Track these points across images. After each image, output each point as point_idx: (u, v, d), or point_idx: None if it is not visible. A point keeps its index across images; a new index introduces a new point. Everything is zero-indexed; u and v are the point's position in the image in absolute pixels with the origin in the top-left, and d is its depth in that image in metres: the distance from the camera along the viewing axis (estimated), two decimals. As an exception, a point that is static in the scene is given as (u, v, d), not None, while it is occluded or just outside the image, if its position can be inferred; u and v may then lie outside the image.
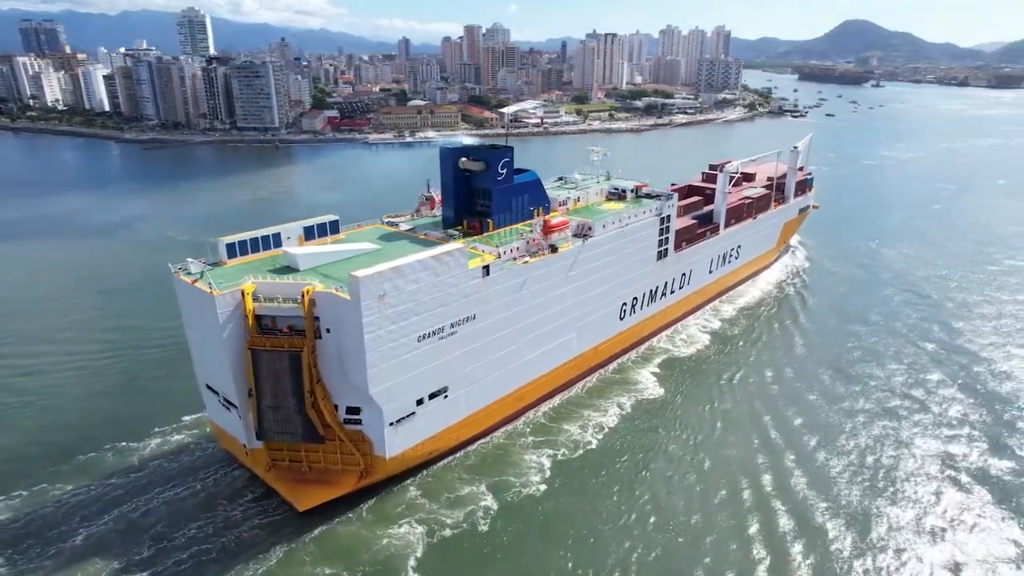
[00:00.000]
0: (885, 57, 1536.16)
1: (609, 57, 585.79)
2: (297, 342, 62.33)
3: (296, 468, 68.85)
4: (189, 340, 70.58)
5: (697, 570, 61.11)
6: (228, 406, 68.09)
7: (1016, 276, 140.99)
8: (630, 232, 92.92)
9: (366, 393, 63.65)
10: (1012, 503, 69.62)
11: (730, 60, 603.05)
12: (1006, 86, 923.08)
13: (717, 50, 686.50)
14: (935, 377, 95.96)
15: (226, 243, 71.20)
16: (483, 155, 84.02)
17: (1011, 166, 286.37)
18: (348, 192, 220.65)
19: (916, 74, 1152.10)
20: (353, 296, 59.57)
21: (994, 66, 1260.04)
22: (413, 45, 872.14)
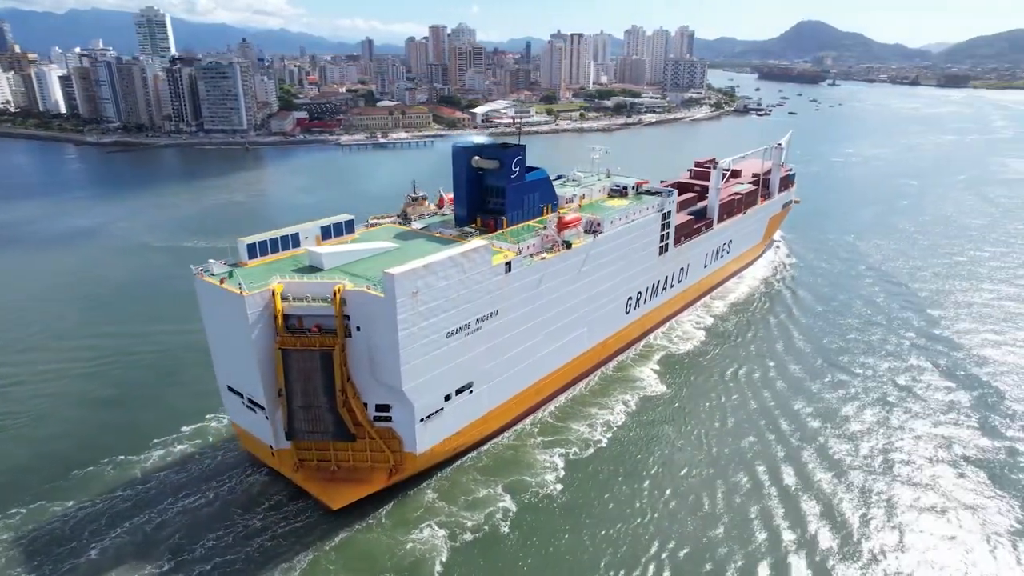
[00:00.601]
0: (839, 57, 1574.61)
1: (576, 57, 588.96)
2: (328, 341, 62.26)
3: (324, 467, 68.65)
4: (211, 342, 69.78)
5: (728, 563, 61.88)
6: (253, 407, 67.60)
7: (982, 266, 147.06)
8: (636, 228, 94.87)
9: (398, 390, 63.92)
10: (1002, 478, 72.44)
11: (695, 60, 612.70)
12: (954, 85, 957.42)
13: (681, 50, 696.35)
14: (921, 364, 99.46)
15: (247, 243, 70.82)
16: (497, 153, 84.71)
17: (967, 162, 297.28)
18: (326, 194, 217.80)
19: (870, 73, 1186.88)
20: (388, 293, 59.82)
21: (941, 66, 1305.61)
22: (376, 46, 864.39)
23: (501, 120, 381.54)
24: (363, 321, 62.36)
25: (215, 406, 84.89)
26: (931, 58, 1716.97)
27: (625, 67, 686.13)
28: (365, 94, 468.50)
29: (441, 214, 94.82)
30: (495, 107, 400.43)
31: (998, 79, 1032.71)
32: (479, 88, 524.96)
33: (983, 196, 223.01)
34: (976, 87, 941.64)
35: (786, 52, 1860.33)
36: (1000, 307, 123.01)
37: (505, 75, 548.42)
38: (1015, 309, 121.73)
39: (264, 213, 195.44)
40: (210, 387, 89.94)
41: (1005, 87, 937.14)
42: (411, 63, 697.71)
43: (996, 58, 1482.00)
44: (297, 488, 69.78)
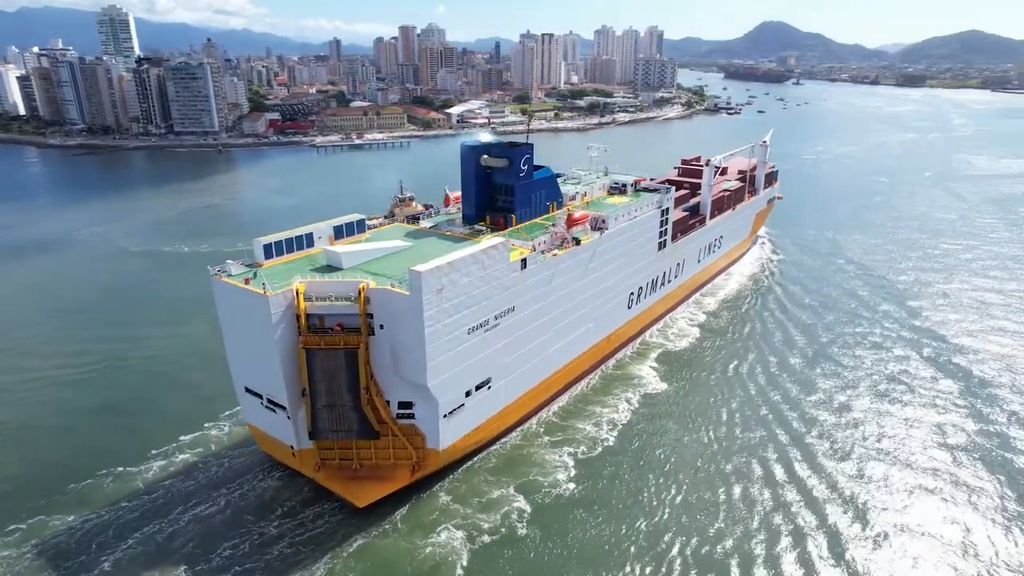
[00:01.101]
0: (801, 57, 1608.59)
1: (547, 57, 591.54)
2: (352, 339, 62.44)
3: (346, 466, 68.67)
4: (227, 343, 69.37)
5: (746, 553, 62.71)
6: (273, 408, 67.37)
7: (955, 259, 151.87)
8: (638, 224, 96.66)
9: (423, 386, 64.40)
10: (990, 457, 74.99)
11: (665, 60, 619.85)
12: (912, 85, 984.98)
13: (651, 50, 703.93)
14: (907, 353, 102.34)
15: (263, 244, 70.85)
16: (506, 152, 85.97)
17: (932, 159, 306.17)
18: (306, 196, 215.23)
19: (832, 73, 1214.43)
20: (414, 290, 60.38)
21: (898, 66, 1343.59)
22: (343, 46, 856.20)
23: (476, 120, 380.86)
24: (387, 319, 62.76)
25: (213, 413, 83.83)
26: (888, 58, 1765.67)
27: (596, 67, 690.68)
28: (336, 95, 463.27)
29: (447, 213, 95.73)
30: (470, 107, 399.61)
31: (952, 79, 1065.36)
32: (451, 88, 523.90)
33: (950, 192, 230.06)
34: (933, 86, 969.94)
35: (750, 52, 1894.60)
36: (974, 297, 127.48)
37: (477, 75, 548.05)
38: (990, 299, 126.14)
39: (244, 216, 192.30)
40: (205, 394, 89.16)
41: (959, 86, 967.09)
42: (380, 63, 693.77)
43: (950, 58, 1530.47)
44: (311, 493, 69.21)
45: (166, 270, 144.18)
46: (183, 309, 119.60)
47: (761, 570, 60.74)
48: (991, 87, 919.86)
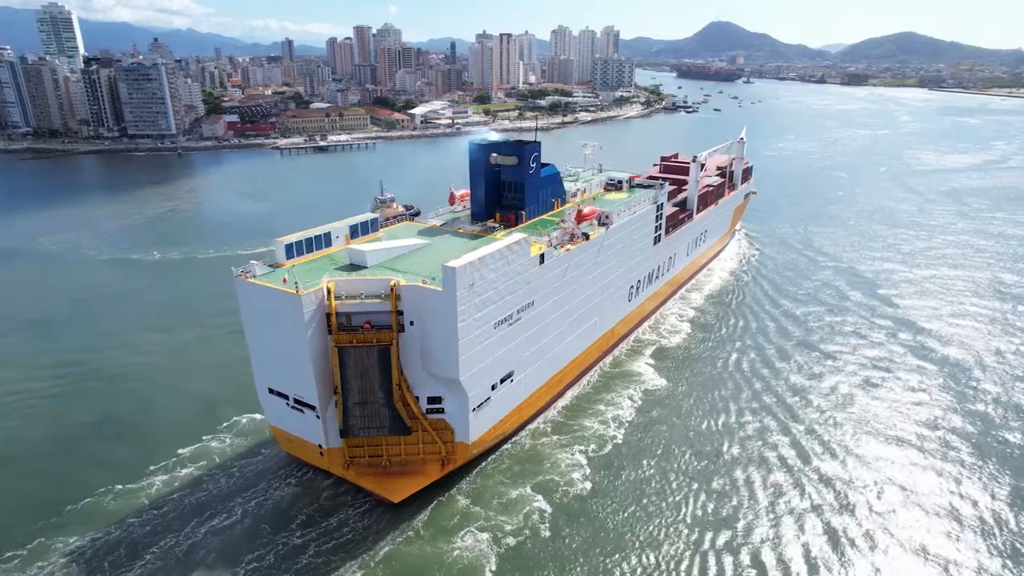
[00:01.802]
0: (749, 56, 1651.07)
1: (506, 57, 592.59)
2: (384, 336, 63.02)
3: (375, 463, 68.81)
4: (251, 344, 68.90)
5: (787, 545, 63.96)
6: (301, 408, 67.01)
7: (919, 250, 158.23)
8: (637, 219, 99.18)
9: (455, 380, 65.37)
10: (971, 435, 78.87)
11: (623, 59, 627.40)
12: (856, 83, 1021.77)
13: (607, 50, 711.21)
14: (887, 342, 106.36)
15: (285, 244, 71.16)
16: (515, 150, 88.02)
17: (885, 155, 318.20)
18: (278, 199, 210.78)
19: (780, 72, 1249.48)
20: (448, 286, 61.26)
21: (841, 65, 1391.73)
22: (294, 47, 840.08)
23: (440, 121, 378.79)
24: (417, 315, 63.59)
25: (210, 426, 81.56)
26: (830, 58, 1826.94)
27: (554, 67, 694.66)
28: (293, 96, 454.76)
29: (452, 211, 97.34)
30: (433, 108, 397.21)
31: (892, 78, 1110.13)
32: (410, 89, 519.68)
33: (906, 186, 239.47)
34: (875, 85, 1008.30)
35: (699, 51, 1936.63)
36: (941, 283, 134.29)
37: (437, 75, 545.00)
38: (955, 286, 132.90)
39: (214, 221, 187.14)
40: (198, 406, 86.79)
41: (899, 85, 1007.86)
42: (336, 64, 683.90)
43: (887, 58, 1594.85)
44: (329, 501, 68.30)
45: (139, 278, 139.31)
46: (165, 317, 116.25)
47: (796, 557, 62.35)
48: (927, 86, 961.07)
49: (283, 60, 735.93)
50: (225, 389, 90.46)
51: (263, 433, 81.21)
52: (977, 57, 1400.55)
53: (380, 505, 67.94)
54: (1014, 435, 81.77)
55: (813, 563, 61.54)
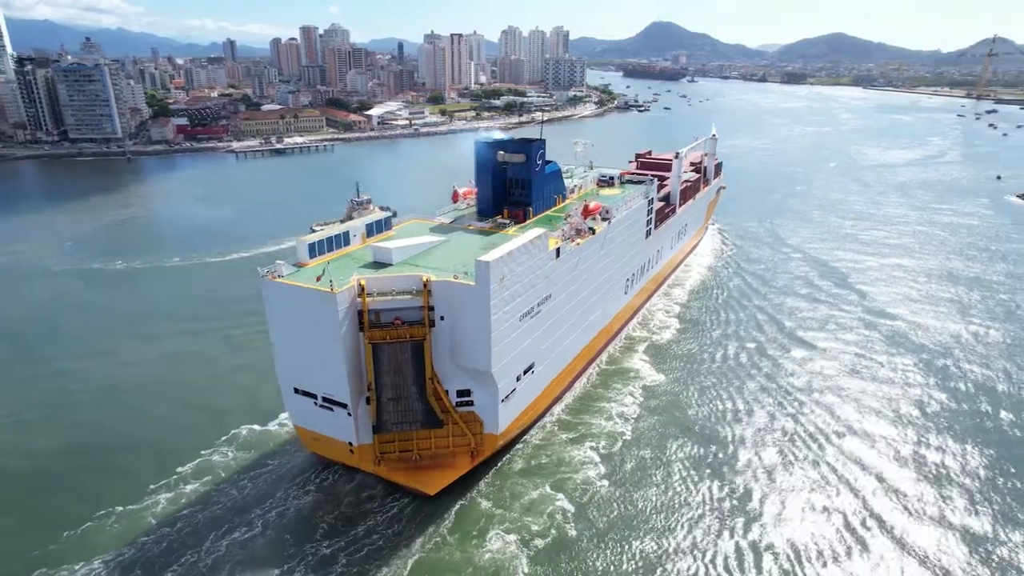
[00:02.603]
0: (691, 56, 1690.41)
1: (457, 57, 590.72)
2: (417, 331, 63.87)
3: (405, 457, 69.17)
4: (277, 345, 68.48)
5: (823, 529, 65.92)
6: (330, 406, 66.82)
7: (879, 243, 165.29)
8: (633, 214, 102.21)
9: (486, 372, 66.73)
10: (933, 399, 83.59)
11: (574, 59, 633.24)
12: (795, 82, 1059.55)
13: (557, 49, 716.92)
14: (864, 331, 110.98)
15: (308, 243, 71.42)
16: (523, 148, 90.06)
17: (833, 151, 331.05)
18: (241, 204, 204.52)
19: (723, 71, 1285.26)
20: (481, 280, 62.61)
21: (778, 65, 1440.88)
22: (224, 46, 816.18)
23: (397, 122, 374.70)
24: (448, 310, 64.53)
25: (207, 441, 78.74)
26: (768, 57, 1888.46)
27: (504, 67, 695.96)
28: (241, 98, 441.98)
29: (456, 208, 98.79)
30: (389, 109, 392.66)
31: (827, 76, 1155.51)
32: (362, 90, 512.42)
33: (858, 180, 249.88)
34: (812, 84, 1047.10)
35: (643, 51, 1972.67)
36: (903, 270, 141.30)
37: (389, 76, 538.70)
38: (916, 272, 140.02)
39: (177, 227, 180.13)
40: (187, 422, 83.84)
41: (835, 83, 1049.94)
42: (281, 65, 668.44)
43: (821, 57, 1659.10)
44: (352, 508, 67.33)
45: (105, 288, 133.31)
46: (141, 327, 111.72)
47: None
48: (861, 85, 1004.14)
49: (226, 61, 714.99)
50: (218, 401, 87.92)
51: (267, 444, 79.17)
52: (902, 57, 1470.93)
53: (405, 510, 67.24)
54: (993, 407, 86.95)
55: (832, 542, 63.75)
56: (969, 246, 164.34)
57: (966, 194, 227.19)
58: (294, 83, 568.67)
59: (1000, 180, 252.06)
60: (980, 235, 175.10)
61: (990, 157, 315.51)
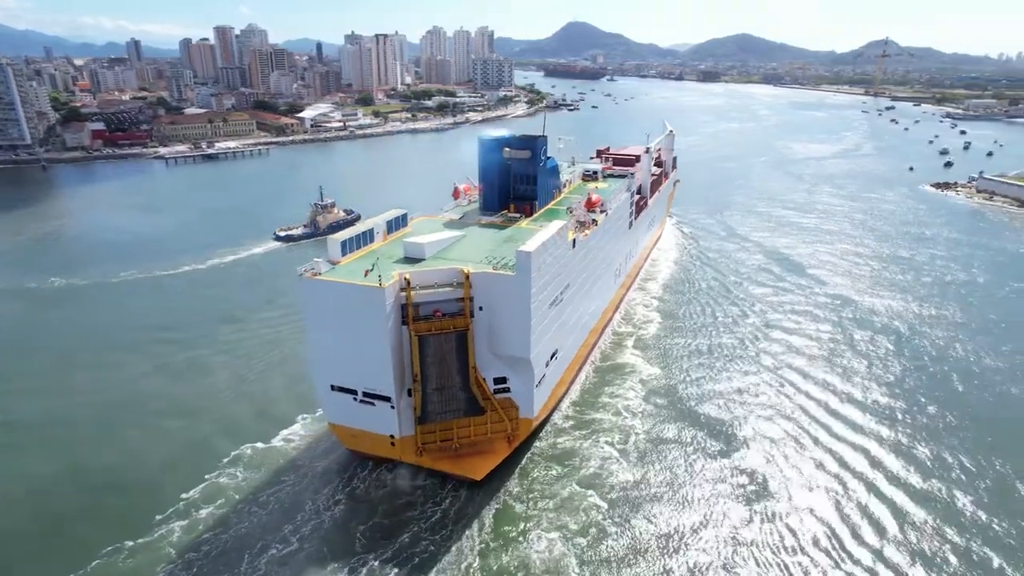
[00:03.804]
0: (608, 55, 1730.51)
1: (383, 58, 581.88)
2: (459, 322, 66.27)
3: (445, 447, 70.81)
4: (314, 344, 68.63)
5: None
6: (371, 401, 67.85)
7: (825, 232, 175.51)
8: (621, 206, 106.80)
9: (524, 359, 69.30)
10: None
11: (502, 59, 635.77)
12: (711, 80, 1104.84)
13: (483, 50, 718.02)
14: (830, 315, 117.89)
15: (340, 241, 72.26)
16: (528, 144, 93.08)
17: (760, 146, 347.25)
18: (179, 213, 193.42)
19: (641, 70, 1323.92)
20: (522, 270, 65.36)
21: (692, 63, 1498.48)
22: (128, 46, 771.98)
23: (330, 124, 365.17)
24: (486, 300, 66.88)
25: (208, 463, 74.61)
26: (680, 56, 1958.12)
27: (430, 67, 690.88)
28: (157, 102, 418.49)
29: (457, 205, 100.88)
30: (322, 111, 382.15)
31: (739, 75, 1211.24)
32: (286, 92, 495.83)
33: (790, 173, 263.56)
34: (726, 82, 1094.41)
35: (560, 51, 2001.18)
36: (851, 255, 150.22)
37: (315, 78, 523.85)
38: (859, 255, 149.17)
39: (117, 239, 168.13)
40: (184, 445, 79.30)
41: (746, 81, 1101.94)
42: (195, 67, 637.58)
43: (729, 57, 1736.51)
44: (387, 518, 66.12)
45: (47, 308, 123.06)
46: (101, 353, 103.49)
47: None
48: (771, 82, 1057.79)
49: (132, 63, 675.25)
50: (210, 423, 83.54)
51: (277, 462, 75.89)
52: (802, 57, 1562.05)
53: (446, 513, 66.86)
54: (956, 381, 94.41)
55: (853, 514, 67.42)
56: (902, 232, 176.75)
57: (888, 184, 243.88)
58: (212, 85, 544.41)
59: (912, 171, 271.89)
60: (908, 221, 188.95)
61: (898, 150, 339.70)
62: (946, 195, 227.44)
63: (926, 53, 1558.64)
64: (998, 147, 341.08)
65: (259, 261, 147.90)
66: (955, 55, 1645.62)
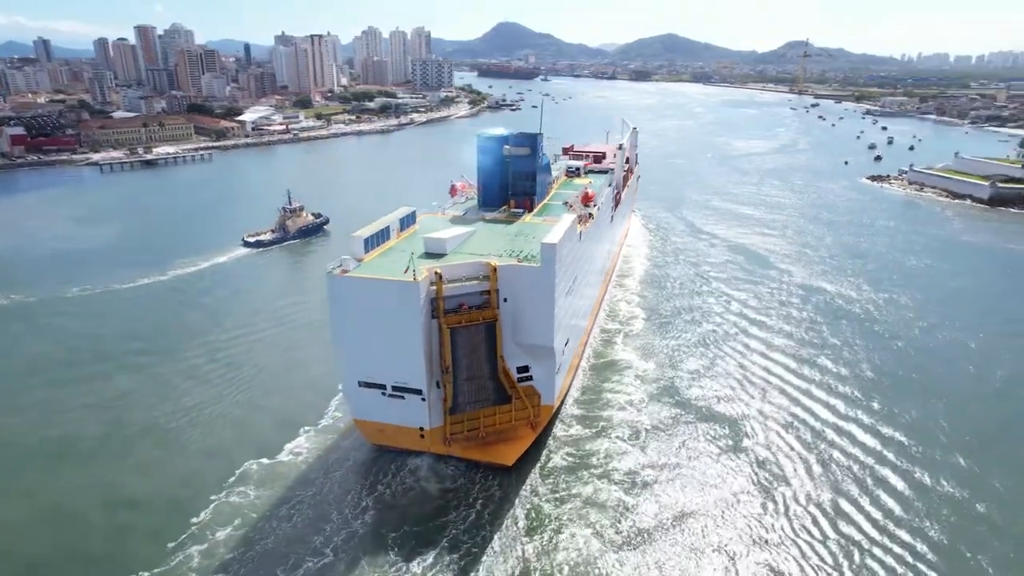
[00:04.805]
0: (539, 55, 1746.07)
1: (319, 59, 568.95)
2: (487, 314, 68.86)
3: (472, 435, 72.66)
4: (343, 341, 69.20)
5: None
6: (401, 395, 69.43)
7: (780, 225, 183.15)
8: (607, 200, 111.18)
9: (547, 347, 72.10)
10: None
11: (441, 60, 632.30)
12: (643, 79, 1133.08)
13: (420, 50, 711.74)
14: (801, 304, 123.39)
15: (363, 238, 73.35)
16: (528, 141, 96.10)
17: (702, 143, 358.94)
18: (126, 223, 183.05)
19: (575, 69, 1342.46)
20: (547, 261, 68.25)
21: (622, 63, 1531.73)
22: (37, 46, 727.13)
23: (272, 128, 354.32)
24: (511, 292, 69.30)
25: (215, 484, 70.80)
26: (609, 56, 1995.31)
27: (367, 68, 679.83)
28: (79, 105, 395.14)
29: (455, 202, 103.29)
30: (263, 114, 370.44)
31: (668, 74, 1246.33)
32: (219, 94, 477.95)
33: (736, 168, 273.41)
34: (658, 80, 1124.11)
35: (491, 51, 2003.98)
36: (812, 246, 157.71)
37: (249, 80, 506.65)
38: (819, 244, 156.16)
39: (61, 253, 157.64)
40: (181, 467, 75.29)
41: (676, 80, 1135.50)
42: (115, 68, 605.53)
43: (657, 56, 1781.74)
44: (418, 525, 64.94)
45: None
46: (69, 370, 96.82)
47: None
48: (700, 81, 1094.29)
49: (45, 64, 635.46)
50: (201, 441, 79.57)
51: (288, 476, 73.04)
52: (726, 56, 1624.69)
53: (478, 518, 66.39)
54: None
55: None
56: (850, 222, 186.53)
57: (829, 177, 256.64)
58: (137, 88, 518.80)
59: (847, 165, 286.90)
60: (854, 211, 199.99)
61: (830, 145, 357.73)
62: (882, 187, 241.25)
63: (839, 53, 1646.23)
64: (917, 142, 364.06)
65: (227, 269, 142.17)
66: (864, 55, 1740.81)
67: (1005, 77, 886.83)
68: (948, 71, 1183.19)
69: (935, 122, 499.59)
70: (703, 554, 63.08)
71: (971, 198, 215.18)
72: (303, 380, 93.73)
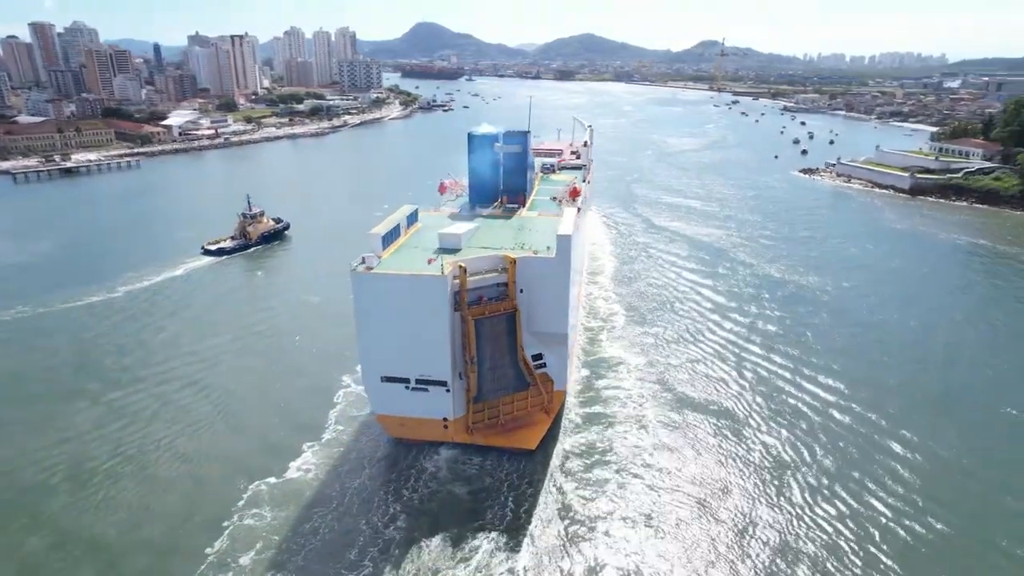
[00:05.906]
0: (460, 55, 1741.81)
1: (241, 60, 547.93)
2: (508, 305, 71.54)
3: (492, 423, 75.29)
4: (366, 336, 70.03)
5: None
6: (425, 387, 70.87)
7: (729, 218, 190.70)
8: (586, 195, 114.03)
9: (561, 335, 75.01)
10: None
11: (369, 61, 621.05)
12: (566, 78, 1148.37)
13: (346, 51, 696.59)
14: (766, 292, 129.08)
15: (381, 235, 73.99)
16: (518, 139, 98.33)
17: (639, 141, 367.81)
18: (60, 236, 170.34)
19: (499, 69, 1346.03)
20: (562, 252, 71.33)
21: (544, 62, 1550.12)
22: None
23: (200, 132, 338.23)
24: (527, 283, 71.80)
25: (224, 510, 66.93)
26: (529, 56, 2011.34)
27: (292, 69, 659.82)
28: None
29: (447, 199, 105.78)
30: (188, 118, 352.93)
31: (591, 73, 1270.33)
32: (135, 98, 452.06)
33: (675, 165, 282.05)
34: (581, 80, 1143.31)
35: (410, 52, 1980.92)
36: (763, 237, 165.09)
37: (167, 82, 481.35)
38: (768, 234, 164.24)
39: None
40: (184, 494, 71.20)
41: (599, 79, 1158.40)
42: (10, 68, 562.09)
43: (576, 56, 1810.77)
44: (452, 530, 64.44)
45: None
46: (35, 401, 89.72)
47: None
48: (622, 80, 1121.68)
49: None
50: (198, 466, 75.43)
51: (302, 494, 70.10)
52: (642, 56, 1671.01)
53: (517, 517, 66.58)
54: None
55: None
56: (791, 212, 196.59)
57: (763, 172, 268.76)
58: (39, 90, 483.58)
59: (777, 159, 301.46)
60: (792, 202, 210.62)
61: (756, 140, 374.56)
62: (813, 179, 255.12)
63: (749, 52, 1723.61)
64: (835, 136, 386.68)
65: (185, 281, 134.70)
66: (771, 55, 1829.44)
67: (895, 76, 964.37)
68: (846, 70, 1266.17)
69: (845, 117, 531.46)
70: (724, 523, 66.33)
71: (894, 188, 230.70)
72: (293, 394, 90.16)
